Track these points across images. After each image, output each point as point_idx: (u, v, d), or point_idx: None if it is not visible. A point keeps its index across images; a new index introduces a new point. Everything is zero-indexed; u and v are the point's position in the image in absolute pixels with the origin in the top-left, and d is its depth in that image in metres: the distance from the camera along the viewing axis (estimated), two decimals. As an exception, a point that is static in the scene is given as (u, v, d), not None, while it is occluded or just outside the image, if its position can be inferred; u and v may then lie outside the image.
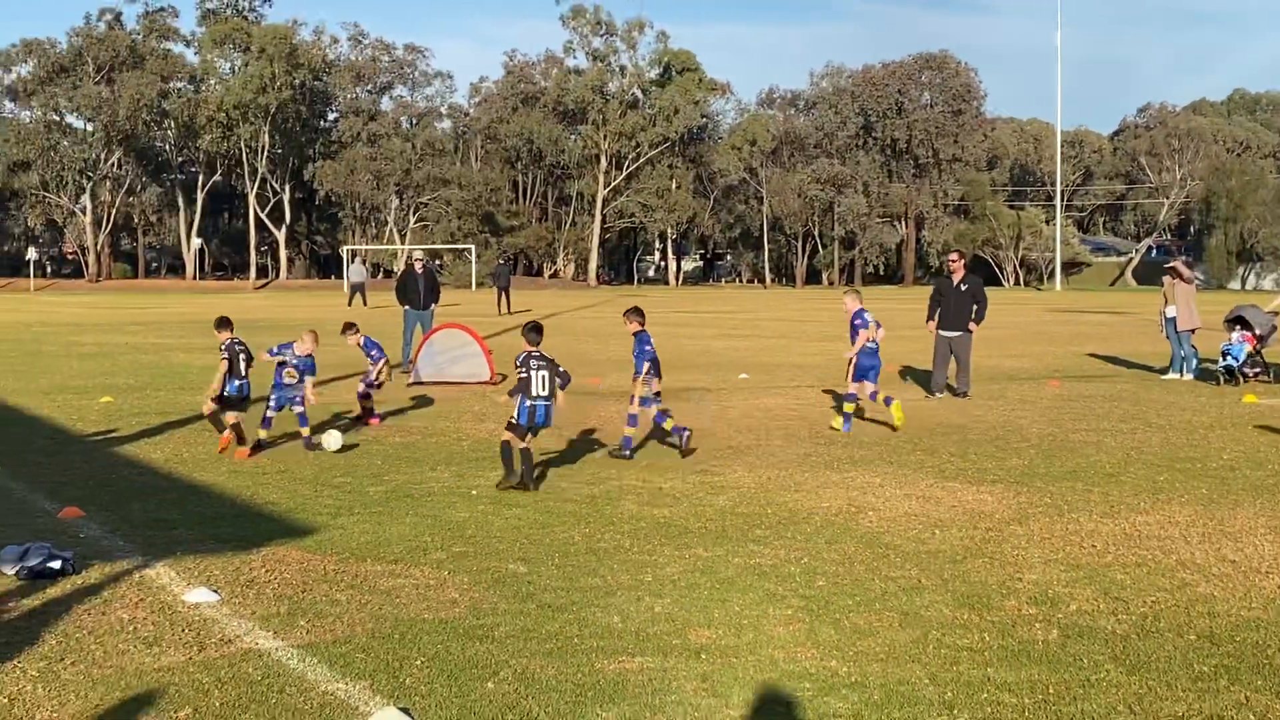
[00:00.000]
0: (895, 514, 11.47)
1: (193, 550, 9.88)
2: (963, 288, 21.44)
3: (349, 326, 17.52)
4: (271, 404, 15.36)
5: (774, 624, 7.97)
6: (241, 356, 14.64)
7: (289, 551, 9.86)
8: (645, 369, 14.83)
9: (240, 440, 14.67)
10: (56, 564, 9.09)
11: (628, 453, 14.66)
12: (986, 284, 25.23)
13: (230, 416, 14.60)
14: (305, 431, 15.31)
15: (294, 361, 15.38)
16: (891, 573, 9.27)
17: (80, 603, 8.38)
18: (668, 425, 15.00)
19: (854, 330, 16.75)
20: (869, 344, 16.61)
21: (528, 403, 12.81)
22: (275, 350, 15.75)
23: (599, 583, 8.96)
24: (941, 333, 21.16)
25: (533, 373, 12.88)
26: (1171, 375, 24.13)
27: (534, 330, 13.37)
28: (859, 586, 8.88)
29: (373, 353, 17.79)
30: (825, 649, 7.48)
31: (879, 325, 16.90)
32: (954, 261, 22.13)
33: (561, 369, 13.23)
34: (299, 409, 15.37)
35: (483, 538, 10.40)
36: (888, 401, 16.72)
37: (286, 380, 15.43)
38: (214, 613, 8.18)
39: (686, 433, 14.92)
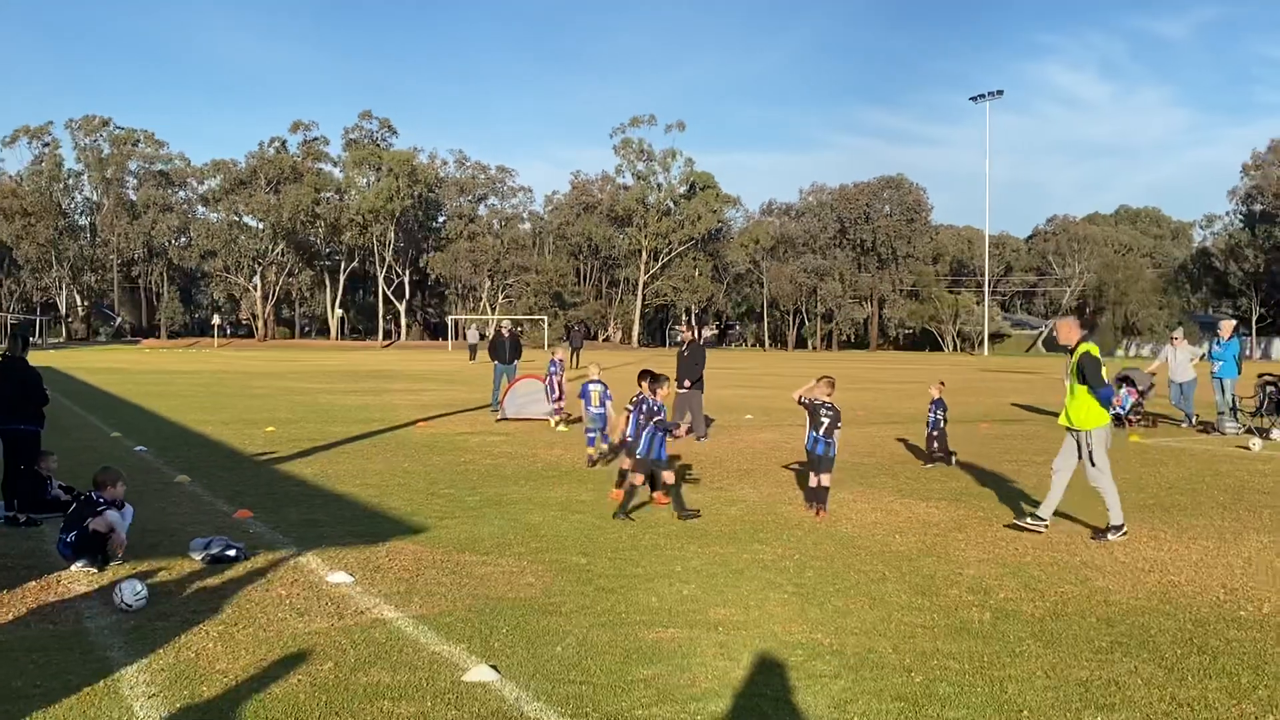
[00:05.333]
0: (865, 522, 11.38)
1: (334, 544, 9.88)
2: (685, 353, 19.65)
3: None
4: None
5: (774, 605, 7.91)
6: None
7: (406, 545, 9.85)
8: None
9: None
10: (232, 552, 9.12)
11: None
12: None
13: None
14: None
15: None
16: (863, 567, 9.19)
17: (250, 582, 8.39)
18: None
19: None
20: None
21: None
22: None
23: (641, 571, 8.91)
24: (678, 389, 19.25)
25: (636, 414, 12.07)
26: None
27: (652, 379, 12.51)
28: (838, 577, 8.80)
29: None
30: (812, 625, 7.40)
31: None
32: (683, 331, 21.04)
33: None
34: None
35: (553, 536, 10.36)
36: None
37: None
38: (350, 591, 8.17)
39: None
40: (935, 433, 16.25)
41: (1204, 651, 6.88)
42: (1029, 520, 10.84)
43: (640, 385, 12.57)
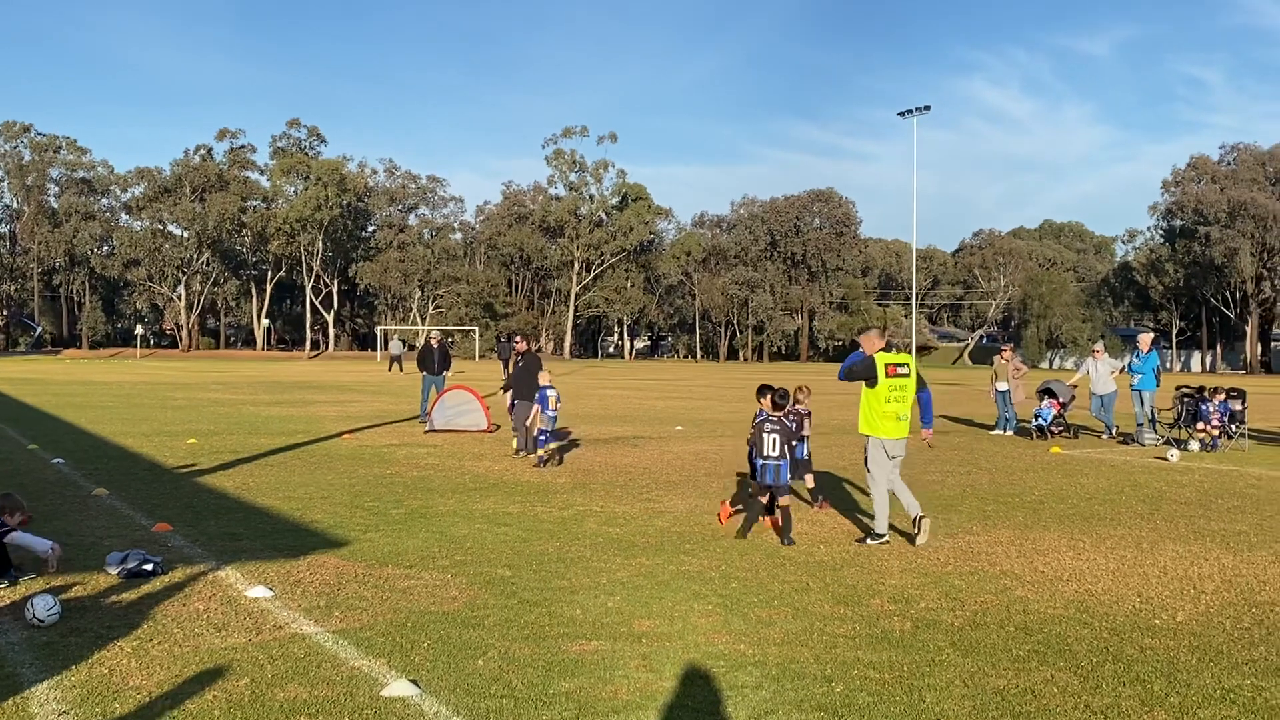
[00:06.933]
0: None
1: (254, 557, 9.74)
2: (519, 364, 19.01)
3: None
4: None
5: (698, 616, 7.92)
6: None
7: (328, 559, 9.74)
8: None
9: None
10: (149, 566, 8.95)
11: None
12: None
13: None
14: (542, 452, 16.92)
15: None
16: (787, 577, 9.24)
17: (167, 597, 8.24)
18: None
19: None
20: None
21: (760, 461, 11.19)
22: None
23: (566, 584, 8.88)
24: (516, 399, 18.69)
25: (765, 435, 11.14)
26: (997, 432, 24.29)
27: (774, 393, 11.49)
28: (762, 588, 8.84)
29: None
30: (736, 635, 7.42)
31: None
32: (517, 344, 20.06)
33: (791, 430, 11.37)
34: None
35: (478, 549, 10.30)
36: None
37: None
38: (269, 605, 8.05)
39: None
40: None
41: (1119, 660, 7.00)
42: (869, 539, 10.94)
43: (760, 401, 11.64)
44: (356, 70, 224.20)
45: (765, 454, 11.07)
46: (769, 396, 11.57)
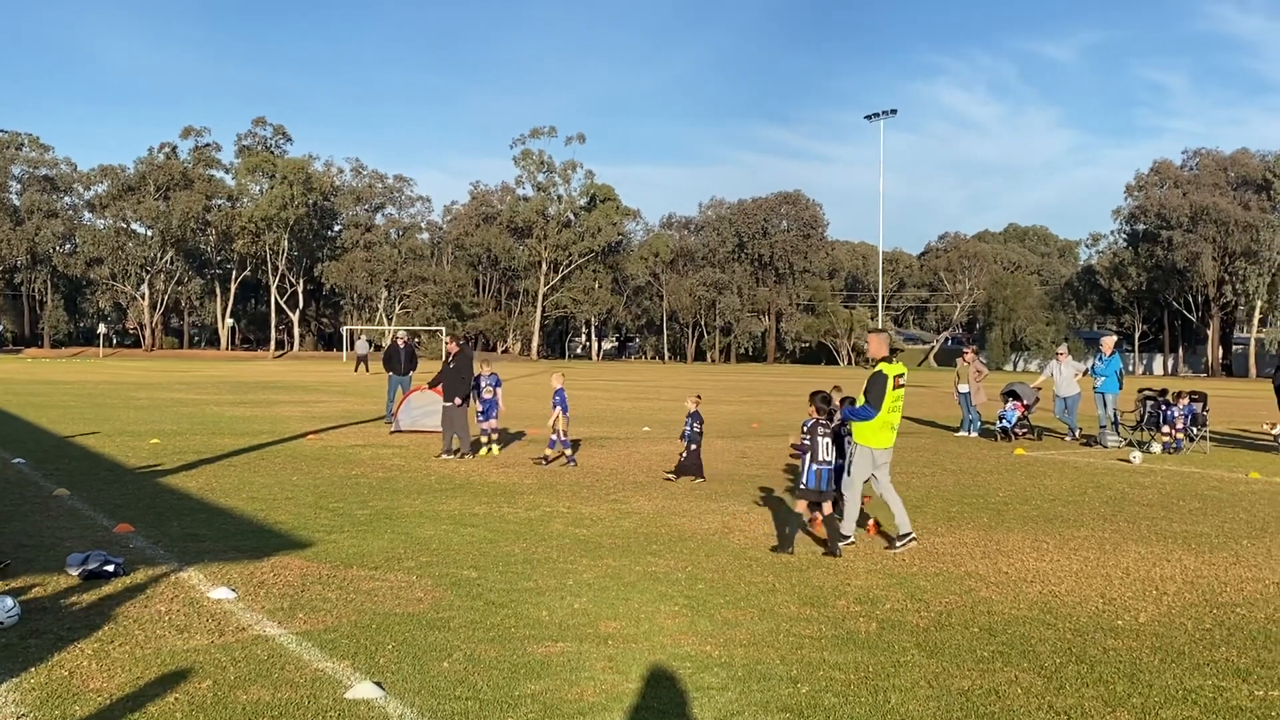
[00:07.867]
0: (757, 534, 11.46)
1: (217, 558, 9.65)
2: (451, 365, 18.58)
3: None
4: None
5: (664, 617, 7.91)
6: None
7: (292, 560, 9.66)
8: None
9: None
10: (111, 568, 8.86)
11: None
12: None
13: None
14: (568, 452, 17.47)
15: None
16: (753, 579, 9.24)
17: (128, 598, 8.15)
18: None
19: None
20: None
21: (814, 467, 10.76)
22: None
23: (532, 585, 8.85)
24: (444, 402, 18.51)
25: (820, 439, 10.77)
26: (962, 434, 24.41)
27: (823, 400, 11.11)
28: (729, 589, 8.84)
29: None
30: (702, 637, 7.42)
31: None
32: (448, 343, 19.53)
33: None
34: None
35: (444, 550, 10.25)
36: None
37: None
38: (232, 607, 7.98)
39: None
40: (694, 447, 15.84)
41: (1082, 660, 7.04)
42: (898, 543, 10.83)
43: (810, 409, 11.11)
44: (323, 69, 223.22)
45: (820, 459, 10.72)
46: (825, 401, 11.20)
